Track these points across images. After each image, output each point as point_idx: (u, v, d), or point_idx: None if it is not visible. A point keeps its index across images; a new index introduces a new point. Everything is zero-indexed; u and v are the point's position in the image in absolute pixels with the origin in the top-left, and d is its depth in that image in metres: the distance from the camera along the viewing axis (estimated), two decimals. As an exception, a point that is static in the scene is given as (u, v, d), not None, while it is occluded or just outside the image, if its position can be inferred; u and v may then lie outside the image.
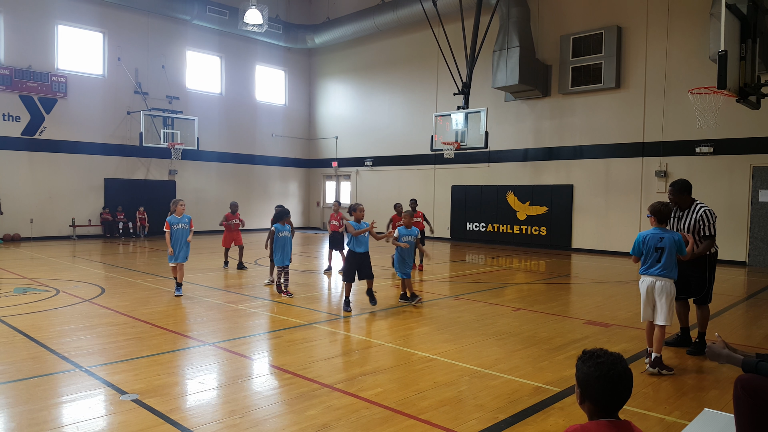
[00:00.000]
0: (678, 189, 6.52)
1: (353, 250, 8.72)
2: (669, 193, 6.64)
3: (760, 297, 10.57)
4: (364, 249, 8.74)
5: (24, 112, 19.60)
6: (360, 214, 8.91)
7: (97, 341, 6.62)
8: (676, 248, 5.73)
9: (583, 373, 2.31)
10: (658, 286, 5.73)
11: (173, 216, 9.48)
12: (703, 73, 15.24)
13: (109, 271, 12.58)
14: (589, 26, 18.24)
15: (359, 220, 8.88)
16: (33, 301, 8.89)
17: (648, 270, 5.82)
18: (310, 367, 5.74)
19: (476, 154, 20.55)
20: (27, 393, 4.85)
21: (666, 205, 5.82)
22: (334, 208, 12.85)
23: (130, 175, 22.39)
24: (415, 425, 4.29)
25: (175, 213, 9.50)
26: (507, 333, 7.32)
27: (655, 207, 5.82)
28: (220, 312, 8.44)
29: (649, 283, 5.79)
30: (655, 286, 5.75)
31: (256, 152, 26.53)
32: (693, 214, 6.43)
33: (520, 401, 4.84)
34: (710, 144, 15.94)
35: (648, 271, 5.82)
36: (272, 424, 4.30)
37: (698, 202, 6.50)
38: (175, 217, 9.48)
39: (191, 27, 23.64)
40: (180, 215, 9.51)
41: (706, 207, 6.42)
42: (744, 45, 8.20)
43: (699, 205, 6.46)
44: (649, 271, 5.81)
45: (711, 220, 6.35)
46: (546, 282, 12.23)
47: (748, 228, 15.38)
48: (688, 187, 6.54)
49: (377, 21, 23.28)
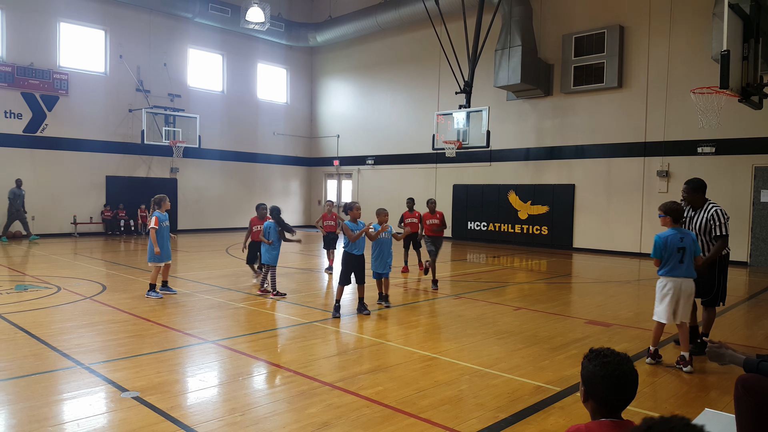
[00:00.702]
0: (693, 188, 6.39)
1: (349, 252, 8.28)
2: (683, 191, 6.50)
3: (761, 297, 10.56)
4: (360, 251, 8.33)
5: (26, 109, 19.61)
6: (356, 213, 8.40)
7: (98, 338, 6.63)
8: (695, 247, 5.68)
9: (588, 371, 2.29)
10: (685, 287, 5.65)
11: (159, 212, 9.22)
12: (706, 72, 15.20)
13: (110, 269, 12.58)
14: (592, 25, 18.22)
15: (355, 219, 8.37)
16: (34, 298, 8.90)
17: (672, 272, 5.68)
18: (310, 365, 5.74)
19: (478, 153, 20.54)
20: (28, 390, 4.86)
21: (679, 204, 5.75)
22: (327, 208, 12.33)
23: (131, 173, 22.40)
24: (415, 424, 4.29)
25: (160, 209, 9.24)
26: (508, 332, 7.32)
27: (669, 206, 5.71)
28: (220, 310, 8.44)
29: (676, 285, 5.67)
30: (682, 287, 5.66)
31: (258, 150, 26.53)
32: (705, 213, 6.29)
33: (520, 400, 4.84)
34: (712, 144, 15.92)
35: (673, 273, 5.67)
36: (273, 422, 4.30)
37: (710, 202, 6.36)
38: (162, 214, 9.25)
39: (193, 25, 23.64)
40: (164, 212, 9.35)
41: (718, 207, 6.27)
42: (746, 45, 8.18)
43: (711, 205, 6.31)
44: (674, 273, 5.67)
45: (723, 220, 6.18)
46: (547, 281, 12.22)
47: (750, 228, 15.37)
48: (703, 186, 6.43)
49: (379, 19, 23.27)
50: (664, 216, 5.73)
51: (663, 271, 5.76)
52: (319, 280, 11.84)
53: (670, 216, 5.67)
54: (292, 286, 10.80)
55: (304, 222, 28.76)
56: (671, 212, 5.67)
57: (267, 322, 7.84)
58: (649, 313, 8.69)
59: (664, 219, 5.74)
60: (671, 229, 5.70)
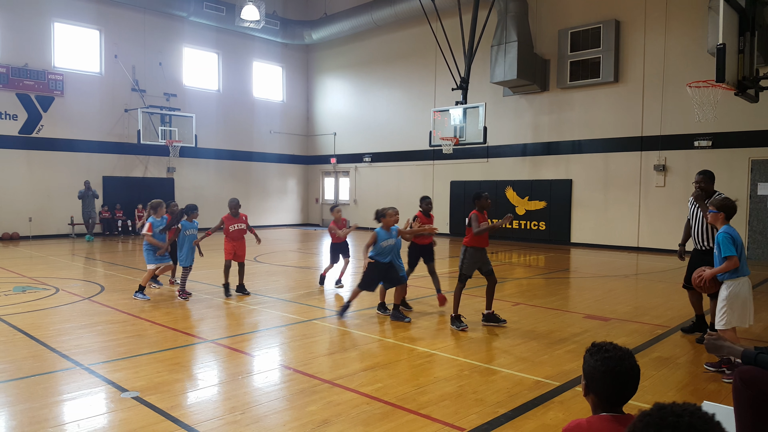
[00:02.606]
0: (710, 177, 6.76)
1: (378, 260, 7.52)
2: (700, 181, 6.77)
3: (759, 290, 10.58)
4: (388, 258, 7.63)
5: (21, 110, 19.55)
6: (390, 220, 7.52)
7: (97, 339, 6.62)
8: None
9: (589, 365, 2.30)
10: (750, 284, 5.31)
11: (154, 218, 9.16)
12: (702, 66, 15.23)
13: (108, 269, 12.57)
14: (588, 20, 18.22)
15: (389, 226, 7.54)
16: (32, 300, 8.89)
17: (746, 271, 5.24)
18: (310, 363, 5.75)
19: (475, 150, 20.54)
20: (27, 391, 4.85)
21: (734, 201, 5.40)
22: (336, 216, 10.26)
23: (128, 173, 22.35)
24: (415, 420, 4.30)
25: (156, 215, 9.18)
26: (507, 327, 7.33)
27: (723, 203, 5.28)
28: (219, 309, 8.44)
29: (749, 285, 5.27)
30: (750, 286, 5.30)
31: (254, 149, 26.50)
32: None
33: (519, 395, 4.85)
34: (709, 138, 15.94)
35: (747, 271, 5.25)
36: (273, 420, 4.31)
37: (719, 192, 6.65)
38: (157, 220, 9.19)
39: (188, 24, 23.57)
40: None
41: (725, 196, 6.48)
42: (742, 38, 8.19)
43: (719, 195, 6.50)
44: (747, 271, 5.24)
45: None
46: (545, 276, 12.24)
47: (747, 221, 15.41)
48: (714, 177, 6.82)
49: (374, 16, 23.23)
50: (716, 212, 5.26)
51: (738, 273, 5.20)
52: (318, 278, 11.82)
53: (724, 212, 5.21)
54: (290, 284, 10.80)
55: (301, 220, 28.76)
56: (725, 209, 5.21)
57: (266, 320, 7.83)
58: (647, 307, 8.75)
59: (715, 216, 5.28)
60: (728, 226, 5.24)
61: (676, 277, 11.53)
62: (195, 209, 9.34)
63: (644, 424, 1.56)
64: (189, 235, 9.19)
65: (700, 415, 1.51)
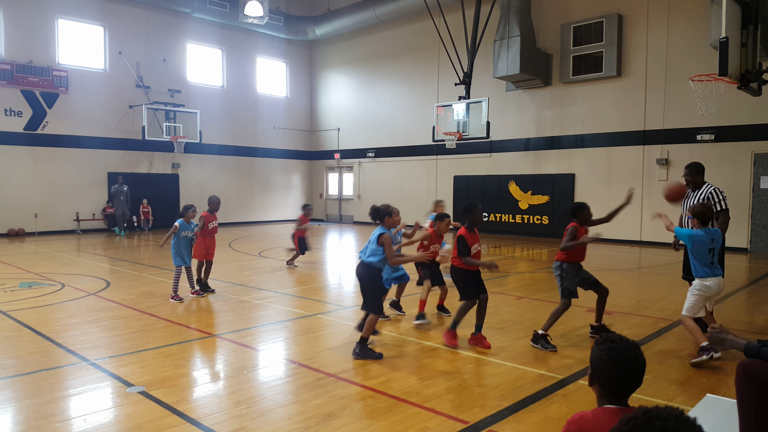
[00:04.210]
0: (694, 170, 6.88)
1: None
2: (685, 174, 6.93)
3: (761, 283, 10.59)
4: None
5: (26, 107, 19.61)
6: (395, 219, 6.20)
7: (103, 334, 6.67)
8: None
9: (595, 355, 2.36)
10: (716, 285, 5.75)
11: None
12: (704, 60, 15.17)
13: (113, 265, 12.63)
14: (590, 14, 18.16)
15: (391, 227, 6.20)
16: (38, 296, 8.95)
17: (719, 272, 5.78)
18: (315, 357, 5.79)
19: (478, 144, 20.53)
20: (34, 386, 4.91)
21: (709, 207, 5.80)
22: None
23: (133, 169, 22.41)
24: (419, 413, 4.33)
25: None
26: (510, 321, 7.36)
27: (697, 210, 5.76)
28: (224, 304, 8.49)
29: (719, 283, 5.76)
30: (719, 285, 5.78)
31: (258, 145, 26.53)
32: (702, 193, 6.73)
33: (523, 389, 4.88)
34: (711, 131, 15.90)
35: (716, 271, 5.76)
36: (278, 413, 4.34)
37: (708, 183, 6.81)
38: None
39: (192, 20, 23.58)
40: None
41: (714, 186, 6.74)
42: (745, 31, 8.16)
43: (708, 186, 6.77)
44: (717, 271, 5.76)
45: (721, 197, 6.62)
46: (548, 271, 12.25)
47: (750, 215, 15.38)
48: (702, 168, 6.92)
49: (378, 12, 23.20)
50: (692, 218, 5.83)
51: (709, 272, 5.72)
52: (322, 273, 11.86)
53: (697, 219, 5.74)
54: (296, 278, 10.84)
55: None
56: (699, 215, 5.74)
57: (271, 315, 7.87)
58: (650, 301, 8.76)
59: (692, 221, 5.85)
60: (701, 230, 5.75)
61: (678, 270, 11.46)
62: (190, 209, 9.04)
63: (630, 428, 1.59)
64: (185, 236, 8.96)
65: (684, 420, 1.56)
